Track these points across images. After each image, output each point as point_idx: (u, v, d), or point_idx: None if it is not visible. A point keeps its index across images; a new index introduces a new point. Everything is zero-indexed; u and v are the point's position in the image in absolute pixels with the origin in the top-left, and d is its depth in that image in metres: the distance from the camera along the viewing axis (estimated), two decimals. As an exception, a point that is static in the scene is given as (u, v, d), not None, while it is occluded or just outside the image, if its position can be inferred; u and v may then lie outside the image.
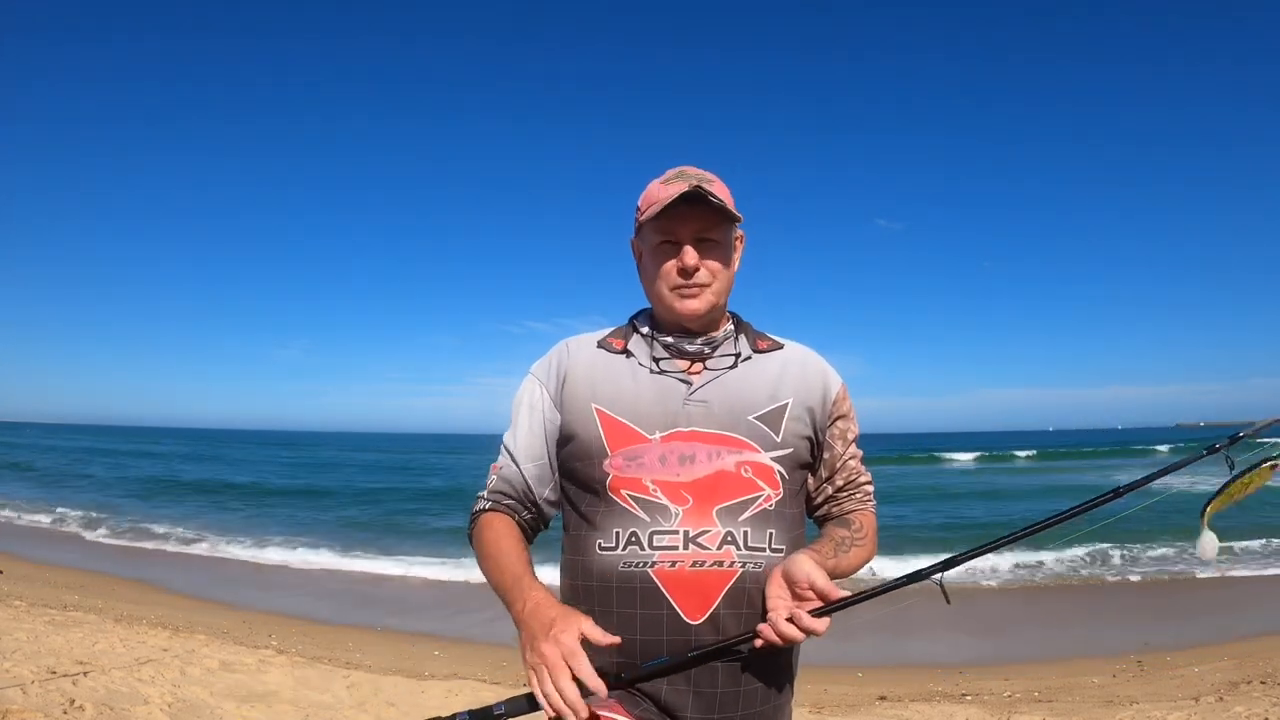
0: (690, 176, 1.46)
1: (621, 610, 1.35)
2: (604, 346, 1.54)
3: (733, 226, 1.50)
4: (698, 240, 1.46)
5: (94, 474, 30.82)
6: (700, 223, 1.45)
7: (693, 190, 1.40)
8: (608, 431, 1.42)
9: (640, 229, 1.52)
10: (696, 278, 1.45)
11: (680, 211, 1.42)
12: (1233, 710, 5.07)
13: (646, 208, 1.47)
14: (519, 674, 6.56)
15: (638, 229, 1.53)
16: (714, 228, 1.46)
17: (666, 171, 1.51)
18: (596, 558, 1.39)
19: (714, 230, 1.46)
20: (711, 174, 1.51)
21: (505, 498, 1.53)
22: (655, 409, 1.43)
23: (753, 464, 1.41)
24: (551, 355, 1.56)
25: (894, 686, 6.39)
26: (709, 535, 1.35)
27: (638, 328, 1.55)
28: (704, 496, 1.37)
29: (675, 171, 1.49)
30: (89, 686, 4.64)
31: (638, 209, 1.52)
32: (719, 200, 1.42)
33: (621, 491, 1.39)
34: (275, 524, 17.95)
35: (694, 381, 1.46)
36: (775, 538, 1.40)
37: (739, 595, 1.35)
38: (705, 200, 1.41)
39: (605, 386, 1.47)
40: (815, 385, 1.52)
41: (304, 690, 5.40)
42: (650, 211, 1.44)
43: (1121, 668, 6.78)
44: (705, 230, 1.45)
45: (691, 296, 1.46)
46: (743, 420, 1.43)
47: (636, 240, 1.56)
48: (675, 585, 1.34)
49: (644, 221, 1.47)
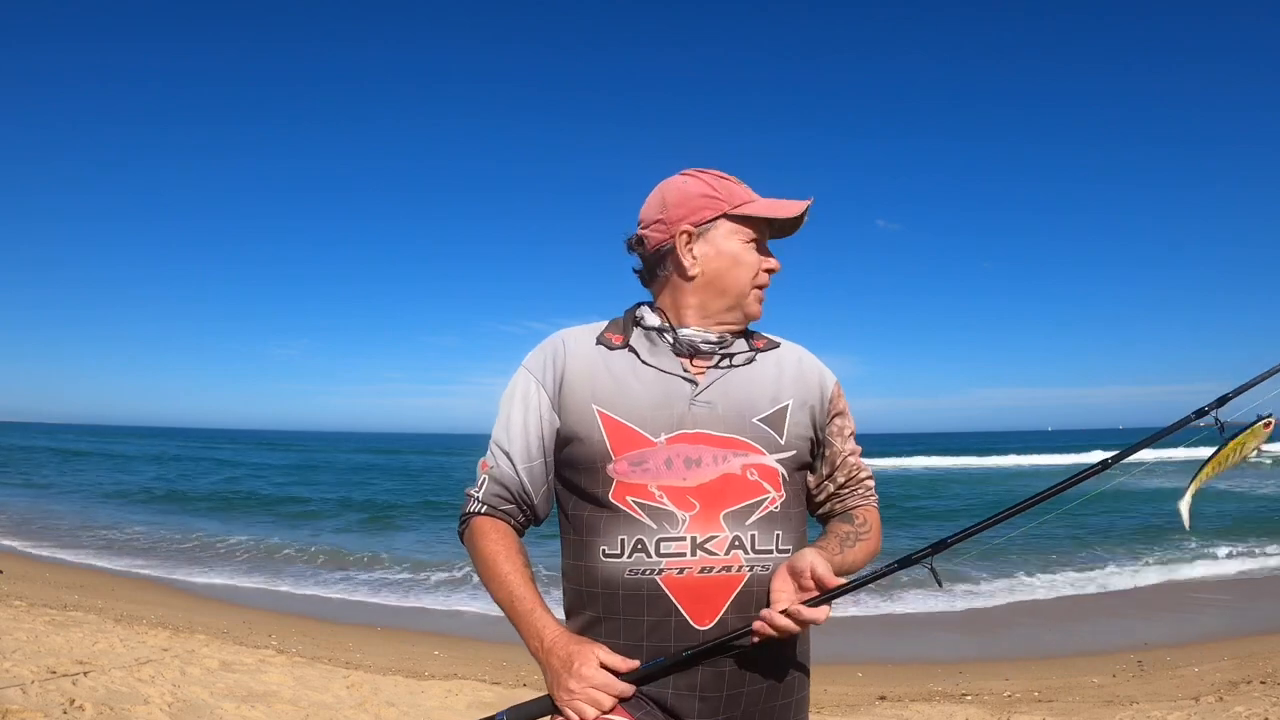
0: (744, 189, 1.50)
1: (628, 617, 1.34)
2: (603, 342, 1.47)
3: None
4: None
5: (94, 474, 30.82)
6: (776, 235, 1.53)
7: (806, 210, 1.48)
8: (611, 435, 1.38)
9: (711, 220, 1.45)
10: None
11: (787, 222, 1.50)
12: (1233, 710, 5.07)
13: (743, 202, 1.47)
14: (519, 674, 6.58)
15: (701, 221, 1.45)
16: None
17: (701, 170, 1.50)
18: (601, 565, 1.36)
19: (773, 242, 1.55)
20: None
21: (501, 501, 1.48)
22: (660, 410, 1.40)
23: (758, 467, 1.40)
24: (546, 349, 1.49)
25: (894, 686, 6.38)
26: (717, 540, 1.34)
27: (640, 321, 1.49)
28: (711, 501, 1.35)
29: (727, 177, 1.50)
30: (89, 686, 4.64)
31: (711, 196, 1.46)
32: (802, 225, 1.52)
33: (626, 498, 1.36)
34: (276, 524, 17.95)
35: (699, 381, 1.43)
36: (782, 539, 1.39)
37: (747, 599, 1.34)
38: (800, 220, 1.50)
39: (607, 386, 1.42)
40: (813, 384, 1.51)
41: (304, 690, 5.40)
42: (773, 211, 1.47)
43: (1121, 668, 6.77)
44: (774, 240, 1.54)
45: (763, 300, 1.51)
46: (747, 422, 1.42)
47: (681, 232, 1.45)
48: (683, 592, 1.33)
49: (747, 213, 1.46)
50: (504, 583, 1.41)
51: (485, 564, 1.44)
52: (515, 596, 1.39)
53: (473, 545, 1.49)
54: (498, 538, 1.46)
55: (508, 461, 1.47)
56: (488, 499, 1.49)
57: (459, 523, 1.54)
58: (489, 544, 1.45)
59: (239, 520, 18.50)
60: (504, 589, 1.41)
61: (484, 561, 1.45)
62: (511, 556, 1.44)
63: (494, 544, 1.45)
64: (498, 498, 1.49)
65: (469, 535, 1.50)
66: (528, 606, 1.38)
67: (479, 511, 1.49)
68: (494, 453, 1.49)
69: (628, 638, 1.34)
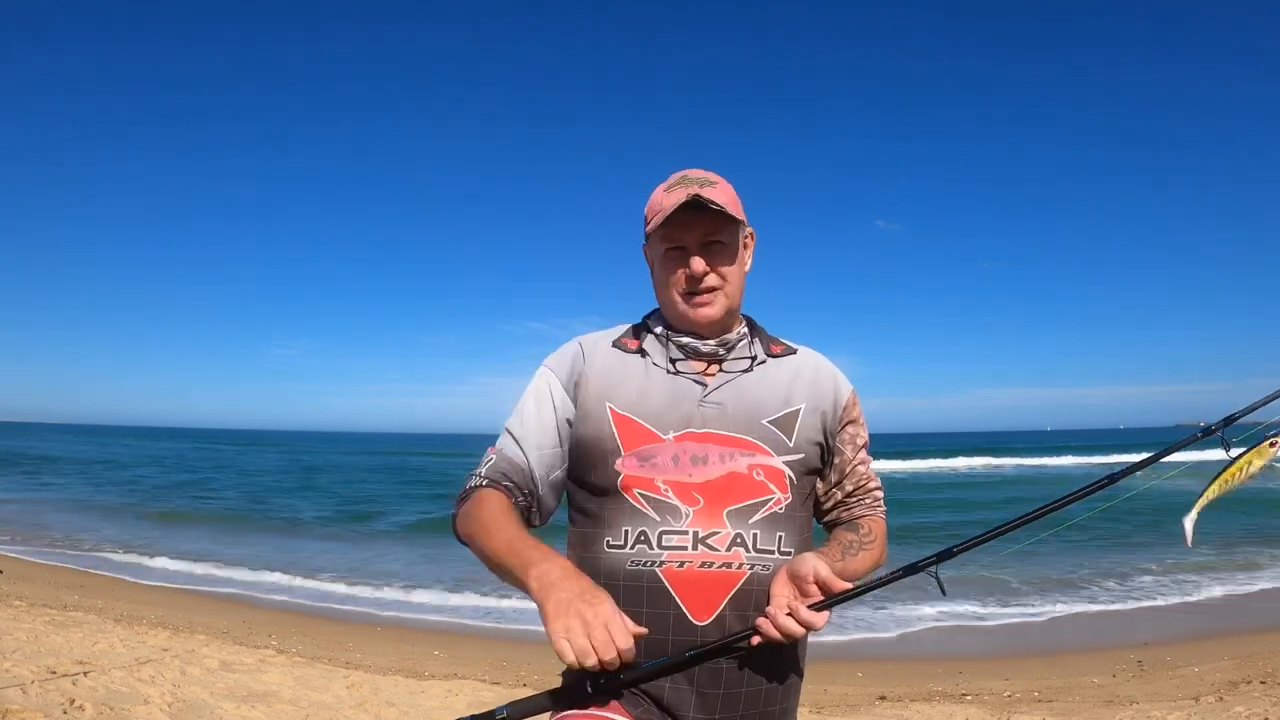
0: (692, 181, 1.45)
1: (628, 609, 1.34)
2: (619, 346, 1.52)
3: (741, 226, 1.50)
4: (704, 245, 1.45)
5: (95, 474, 30.82)
6: (705, 227, 1.44)
7: (691, 199, 1.40)
8: (622, 431, 1.42)
9: (649, 237, 1.51)
10: (706, 283, 1.45)
11: (684, 218, 1.42)
12: (1233, 710, 5.06)
13: (652, 216, 1.47)
14: (519, 674, 6.58)
15: (647, 237, 1.52)
16: (719, 231, 1.46)
17: (670, 177, 1.50)
18: (605, 555, 1.38)
19: (720, 233, 1.46)
20: (715, 175, 1.50)
21: (505, 478, 1.46)
22: (670, 409, 1.42)
23: (764, 467, 1.41)
24: (566, 352, 1.54)
25: (894, 686, 6.38)
26: (718, 537, 1.35)
27: (651, 328, 1.54)
28: (715, 498, 1.37)
29: (678, 177, 1.48)
30: (89, 686, 4.64)
31: (645, 217, 1.51)
32: (718, 206, 1.41)
33: (633, 490, 1.38)
34: (273, 523, 17.95)
35: (709, 383, 1.46)
36: (785, 541, 1.40)
37: (746, 597, 1.35)
38: (707, 205, 1.41)
39: (620, 387, 1.46)
40: (827, 391, 1.52)
41: (304, 690, 5.40)
42: (655, 220, 1.44)
43: (1121, 668, 6.77)
44: (711, 234, 1.45)
45: (704, 304, 1.46)
46: (756, 423, 1.43)
47: (648, 248, 1.54)
48: (683, 585, 1.34)
49: (650, 230, 1.48)
50: (500, 532, 1.34)
51: (480, 525, 1.37)
52: (512, 538, 1.33)
53: (468, 512, 1.42)
54: (497, 504, 1.41)
55: (516, 446, 1.48)
56: (490, 474, 1.47)
57: (456, 503, 1.49)
58: (486, 507, 1.40)
59: (239, 520, 18.50)
60: (500, 538, 1.34)
61: (479, 524, 1.38)
62: (511, 518, 1.38)
63: (491, 507, 1.40)
64: (502, 474, 1.47)
65: (467, 505, 1.44)
66: (529, 543, 1.31)
67: (480, 485, 1.46)
68: (504, 437, 1.51)
69: None
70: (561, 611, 1.18)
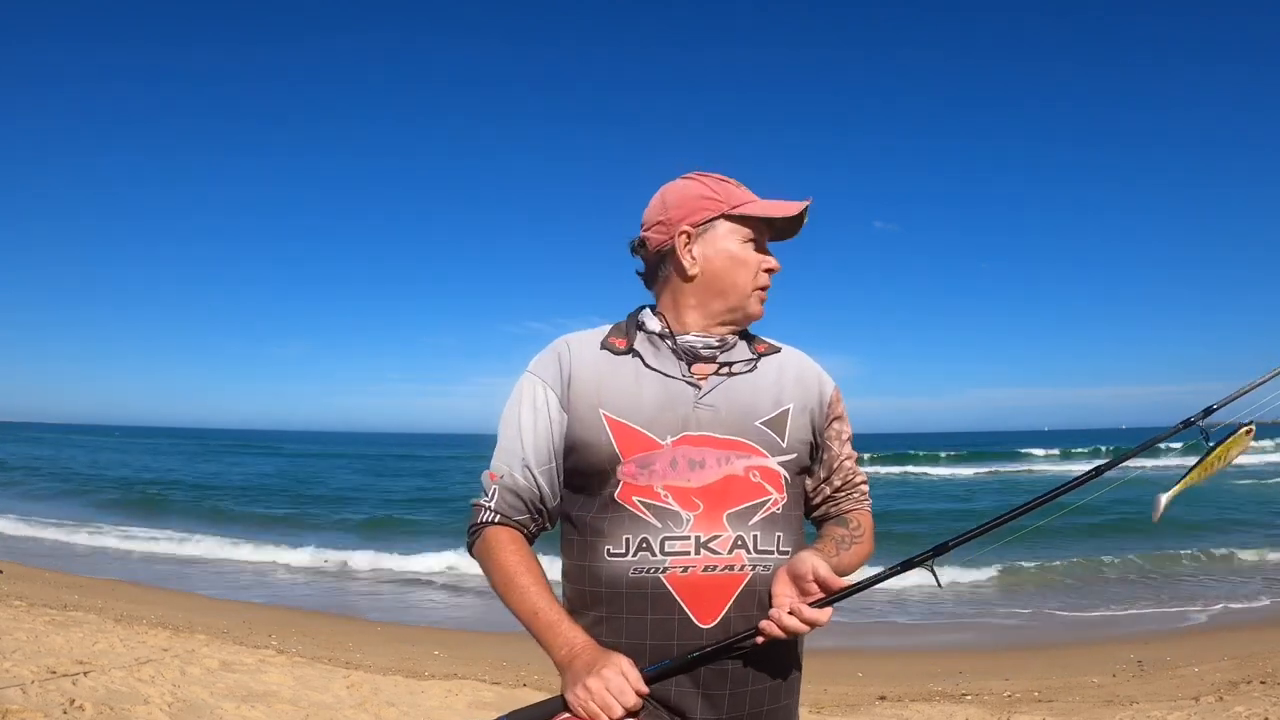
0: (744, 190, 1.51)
1: (631, 615, 1.34)
2: (607, 347, 1.47)
3: None
4: None
5: (95, 475, 30.83)
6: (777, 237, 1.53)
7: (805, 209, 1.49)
8: (619, 438, 1.39)
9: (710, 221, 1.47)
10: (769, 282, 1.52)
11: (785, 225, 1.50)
12: (1233, 710, 5.07)
13: (741, 203, 1.48)
14: (519, 674, 6.58)
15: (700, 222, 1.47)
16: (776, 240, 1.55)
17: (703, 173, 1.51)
18: (605, 564, 1.37)
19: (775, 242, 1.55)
20: None
21: (515, 510, 1.46)
22: (665, 413, 1.41)
23: (760, 469, 1.42)
24: (551, 354, 1.49)
25: (894, 686, 6.39)
26: (720, 540, 1.35)
27: (643, 326, 1.51)
28: (714, 502, 1.37)
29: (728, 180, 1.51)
30: (89, 686, 4.63)
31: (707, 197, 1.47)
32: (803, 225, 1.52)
33: (633, 498, 1.37)
34: (275, 524, 17.96)
35: (702, 385, 1.44)
36: (783, 540, 1.41)
37: (749, 598, 1.35)
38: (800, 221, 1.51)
39: (612, 391, 1.42)
40: (813, 389, 1.52)
41: (304, 690, 5.39)
42: (770, 211, 1.48)
43: (1121, 668, 6.78)
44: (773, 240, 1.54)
45: (764, 300, 1.51)
46: (750, 425, 1.43)
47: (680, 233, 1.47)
48: (687, 590, 1.34)
49: (745, 214, 1.47)
50: (525, 595, 1.39)
51: (503, 576, 1.42)
52: (539, 609, 1.37)
53: (487, 556, 1.45)
54: (515, 549, 1.44)
55: (522, 468, 1.45)
56: (500, 508, 1.46)
57: (468, 534, 1.50)
58: (506, 555, 1.43)
59: (238, 520, 18.51)
60: (526, 601, 1.39)
61: (502, 573, 1.42)
62: (531, 568, 1.42)
63: (511, 555, 1.43)
64: (511, 507, 1.46)
65: (481, 546, 1.47)
66: (554, 618, 1.36)
67: (492, 521, 1.46)
68: (505, 461, 1.47)
69: (631, 636, 1.34)
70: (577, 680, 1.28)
